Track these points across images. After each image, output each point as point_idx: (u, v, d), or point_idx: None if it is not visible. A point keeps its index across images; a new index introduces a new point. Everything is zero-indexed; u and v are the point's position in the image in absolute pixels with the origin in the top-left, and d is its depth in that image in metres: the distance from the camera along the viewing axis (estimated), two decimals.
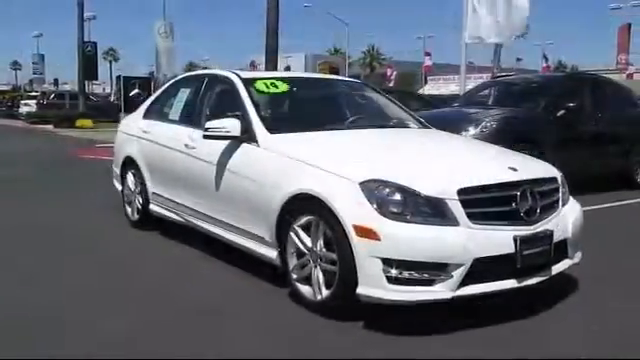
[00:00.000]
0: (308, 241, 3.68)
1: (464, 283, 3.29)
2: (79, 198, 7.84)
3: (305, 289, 3.72)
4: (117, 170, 6.41)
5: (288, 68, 67.40)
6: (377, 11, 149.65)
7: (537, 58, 56.80)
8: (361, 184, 3.38)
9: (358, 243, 3.29)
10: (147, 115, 6.04)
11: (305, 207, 3.68)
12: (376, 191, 3.34)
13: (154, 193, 5.61)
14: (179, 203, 5.15)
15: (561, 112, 8.10)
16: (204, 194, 4.70)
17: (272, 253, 4.00)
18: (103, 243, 5.46)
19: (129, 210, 6.14)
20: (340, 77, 5.72)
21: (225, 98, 4.89)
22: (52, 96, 32.37)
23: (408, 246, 3.23)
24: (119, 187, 6.42)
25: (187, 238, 5.33)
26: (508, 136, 7.07)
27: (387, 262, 3.24)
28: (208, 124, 4.35)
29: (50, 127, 24.91)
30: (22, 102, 33.89)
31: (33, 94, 37.08)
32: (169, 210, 5.39)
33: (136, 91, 27.36)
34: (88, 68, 29.69)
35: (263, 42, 15.92)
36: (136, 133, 5.96)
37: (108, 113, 28.86)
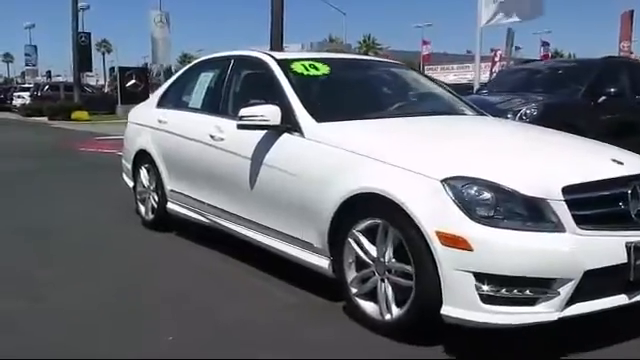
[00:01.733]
0: (372, 250, 3.09)
1: (571, 301, 2.71)
2: (84, 195, 7.23)
3: (368, 306, 3.14)
4: (128, 165, 5.79)
5: None
6: (375, 0, 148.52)
7: (535, 47, 56.10)
8: (444, 182, 2.78)
9: (443, 253, 2.70)
10: (162, 103, 5.42)
11: (369, 209, 3.09)
12: (463, 190, 2.75)
13: (172, 190, 5.01)
14: (203, 202, 4.54)
15: (602, 98, 7.53)
16: (235, 192, 4.10)
17: (322, 262, 3.42)
18: (118, 248, 4.85)
19: (142, 209, 5.53)
20: (378, 58, 5.06)
21: (257, 82, 4.29)
22: (46, 88, 31.62)
23: (507, 258, 2.64)
24: (130, 183, 5.81)
25: (210, 240, 4.74)
26: (550, 125, 6.48)
27: (480, 277, 2.66)
28: (243, 111, 3.74)
29: (45, 119, 24.20)
30: (15, 94, 33.09)
31: (26, 86, 36.26)
32: (191, 209, 4.79)
33: (133, 82, 26.67)
34: (82, 59, 28.93)
35: (268, 32, 15.21)
36: (150, 123, 5.34)
37: (104, 105, 28.23)
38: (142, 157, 5.44)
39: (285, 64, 4.11)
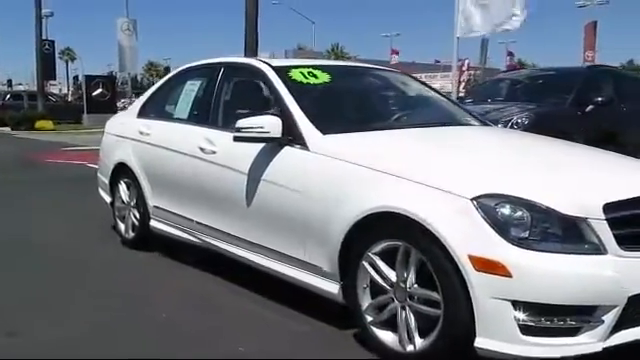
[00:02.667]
0: (391, 274, 2.82)
1: (616, 329, 2.48)
2: (54, 211, 6.80)
3: (386, 336, 2.86)
4: (105, 179, 5.42)
5: None
6: (341, 10, 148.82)
7: (501, 56, 56.91)
8: (475, 200, 2.53)
9: (477, 279, 2.45)
10: (143, 113, 5.07)
11: (386, 230, 2.82)
12: (497, 209, 2.50)
13: (156, 207, 4.67)
14: (192, 220, 4.22)
15: (590, 107, 7.42)
16: (229, 210, 3.80)
17: (331, 287, 3.13)
18: (96, 271, 4.48)
19: (122, 226, 5.17)
20: (376, 66, 4.81)
21: (251, 91, 4.00)
22: (7, 97, 30.59)
23: (548, 284, 2.40)
24: (107, 199, 5.44)
25: (198, 260, 4.43)
26: (540, 134, 6.35)
27: (519, 306, 2.41)
28: (240, 123, 3.44)
29: (7, 129, 23.32)
30: None
31: None
32: (177, 228, 4.46)
33: (99, 91, 26.02)
34: (46, 68, 28.10)
35: (237, 41, 14.98)
36: (130, 135, 4.99)
37: (69, 114, 27.45)
38: (121, 171, 5.09)
39: (283, 72, 3.83)
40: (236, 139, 3.48)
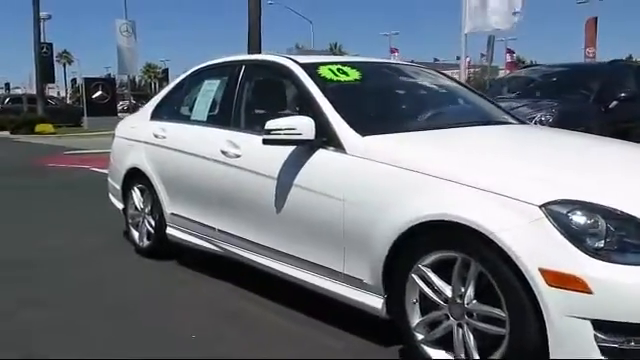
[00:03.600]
0: (446, 288, 2.57)
1: None
2: (62, 218, 6.53)
3: (440, 356, 2.61)
4: (116, 185, 5.16)
5: None
6: (337, 9, 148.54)
7: (501, 54, 56.66)
8: (545, 207, 2.28)
9: (550, 296, 2.20)
10: (157, 115, 4.82)
11: (441, 240, 2.57)
12: (570, 217, 2.25)
13: (173, 214, 4.41)
14: (213, 228, 3.97)
15: (613, 103, 7.18)
16: (256, 217, 3.55)
17: (374, 301, 2.88)
18: (113, 282, 4.23)
19: (136, 234, 4.92)
20: (404, 62, 4.55)
21: (277, 91, 3.74)
22: (7, 100, 30.34)
23: (634, 301, 2.15)
24: (119, 205, 5.19)
25: (219, 270, 4.19)
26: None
27: (601, 325, 2.16)
28: (270, 124, 3.19)
29: (6, 133, 23.04)
30: None
31: None
32: (196, 236, 4.21)
33: (99, 93, 25.76)
34: (44, 71, 27.83)
35: (231, 41, 14.83)
36: (144, 138, 4.74)
37: (68, 117, 27.18)
38: (135, 176, 4.83)
39: (311, 69, 3.57)
40: (265, 142, 3.23)
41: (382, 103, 3.73)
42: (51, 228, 5.96)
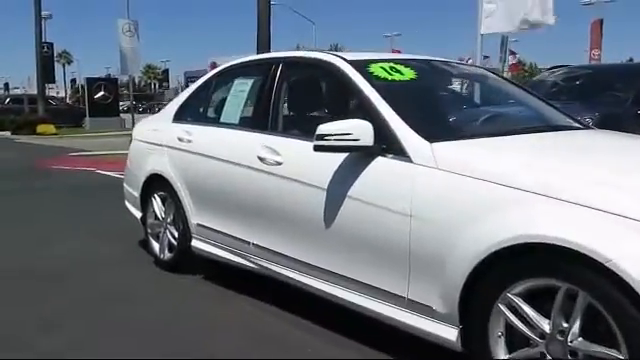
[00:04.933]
0: (542, 322, 2.21)
1: None
2: (72, 224, 6.15)
3: None
4: (134, 192, 4.79)
5: None
6: (339, 10, 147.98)
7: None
8: None
9: None
10: (181, 117, 4.44)
11: (536, 265, 2.21)
12: None
13: (200, 225, 4.04)
14: (247, 242, 3.60)
15: None
16: (302, 233, 3.18)
17: (446, 331, 2.52)
18: (136, 300, 3.85)
19: (156, 246, 4.54)
20: (455, 60, 4.16)
21: (323, 91, 3.39)
22: (7, 101, 29.94)
23: None
24: (137, 214, 4.81)
25: (251, 287, 3.83)
26: None
27: None
28: (323, 129, 2.82)
29: (7, 134, 22.66)
30: None
31: None
32: (227, 250, 3.84)
33: (102, 93, 25.38)
34: (45, 71, 27.44)
35: (233, 42, 14.47)
36: (166, 142, 4.37)
37: (70, 118, 26.78)
38: (156, 183, 4.46)
39: (362, 67, 3.20)
40: (317, 148, 2.86)
41: (444, 105, 3.37)
42: (61, 235, 5.58)
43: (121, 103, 33.66)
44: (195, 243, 4.12)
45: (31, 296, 3.89)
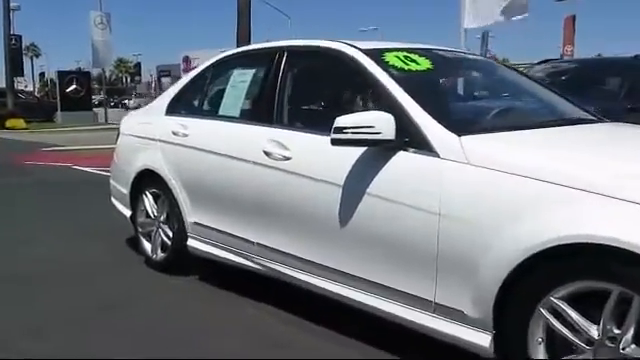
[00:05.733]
0: (591, 328, 2.06)
1: None
2: (52, 221, 5.88)
3: None
4: (122, 189, 4.54)
5: None
6: (317, 4, 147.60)
7: (476, 51, 56.54)
8: None
9: None
10: (175, 110, 4.21)
11: (586, 267, 2.06)
12: None
13: (197, 224, 3.83)
14: (251, 242, 3.40)
15: None
16: (314, 232, 2.99)
17: (478, 338, 2.36)
18: (129, 302, 3.63)
19: (147, 245, 4.32)
20: (463, 50, 3.98)
21: (334, 81, 3.20)
22: None
23: None
24: (126, 212, 4.57)
25: (246, 287, 3.66)
26: None
27: None
28: (342, 122, 2.63)
29: None
30: None
31: None
32: (227, 250, 3.63)
33: (74, 87, 24.78)
34: (14, 64, 26.69)
35: (205, 37, 14.15)
36: (159, 136, 4.14)
37: (40, 112, 26.11)
38: (147, 179, 4.23)
39: (376, 56, 3.03)
40: (335, 142, 2.67)
41: (465, 97, 3.20)
42: (43, 235, 5.30)
43: (93, 97, 33.03)
44: (191, 242, 3.91)
45: (13, 302, 3.62)
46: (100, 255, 4.63)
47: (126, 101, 53.19)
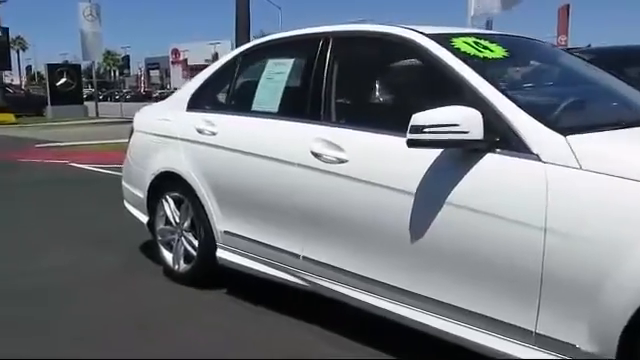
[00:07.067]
0: None
1: None
2: (56, 226, 5.43)
3: None
4: (138, 192, 4.12)
5: (216, 56, 64.24)
6: None
7: None
8: None
9: None
10: (197, 106, 3.78)
11: None
12: None
13: (228, 233, 3.42)
14: (296, 255, 3.00)
15: None
16: (379, 247, 2.60)
17: None
18: (153, 321, 3.21)
19: (168, 256, 3.90)
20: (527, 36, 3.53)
21: (396, 72, 2.79)
22: None
23: None
24: (142, 218, 4.14)
25: (281, 303, 3.29)
26: None
27: None
28: (420, 119, 2.23)
29: None
30: None
31: None
32: (265, 263, 3.23)
33: (64, 80, 24.18)
34: (1, 57, 26.02)
35: (193, 29, 13.65)
36: (181, 134, 3.72)
37: (29, 106, 25.47)
38: (168, 182, 3.81)
39: (445, 42, 2.62)
40: (412, 143, 2.27)
41: (557, 89, 2.80)
42: (47, 242, 4.86)
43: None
44: (221, 253, 3.50)
45: (18, 326, 3.19)
46: (117, 265, 4.22)
47: (117, 95, 52.38)
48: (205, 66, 4.18)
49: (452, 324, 2.36)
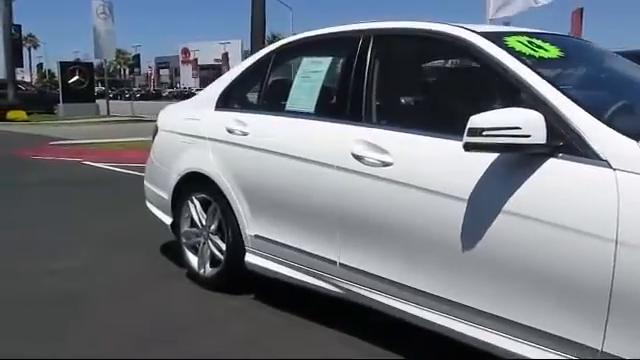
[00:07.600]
0: None
1: None
2: (73, 227, 5.32)
3: None
4: (162, 193, 4.00)
5: (226, 56, 64.24)
6: None
7: None
8: None
9: None
10: (226, 104, 3.66)
11: None
12: None
13: (258, 237, 3.30)
14: (333, 261, 2.86)
15: None
16: (425, 255, 2.46)
17: None
18: (181, 328, 3.08)
19: (193, 260, 3.78)
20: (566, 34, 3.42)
21: (445, 72, 2.65)
22: None
23: None
24: (166, 220, 4.02)
25: (311, 310, 3.16)
26: None
27: None
28: (478, 121, 2.10)
29: None
30: None
31: None
32: (298, 269, 3.10)
33: (76, 78, 24.16)
34: (14, 54, 26.04)
35: (200, 28, 13.59)
36: (210, 134, 3.59)
37: (41, 104, 25.44)
38: (194, 183, 3.69)
39: (500, 41, 2.48)
40: (470, 147, 2.13)
41: (617, 90, 2.65)
42: (68, 243, 4.74)
43: None
44: (250, 258, 3.37)
45: (43, 330, 3.08)
46: (135, 268, 4.10)
47: (127, 94, 52.51)
48: (215, 66, 4.07)
49: (508, 340, 2.21)
